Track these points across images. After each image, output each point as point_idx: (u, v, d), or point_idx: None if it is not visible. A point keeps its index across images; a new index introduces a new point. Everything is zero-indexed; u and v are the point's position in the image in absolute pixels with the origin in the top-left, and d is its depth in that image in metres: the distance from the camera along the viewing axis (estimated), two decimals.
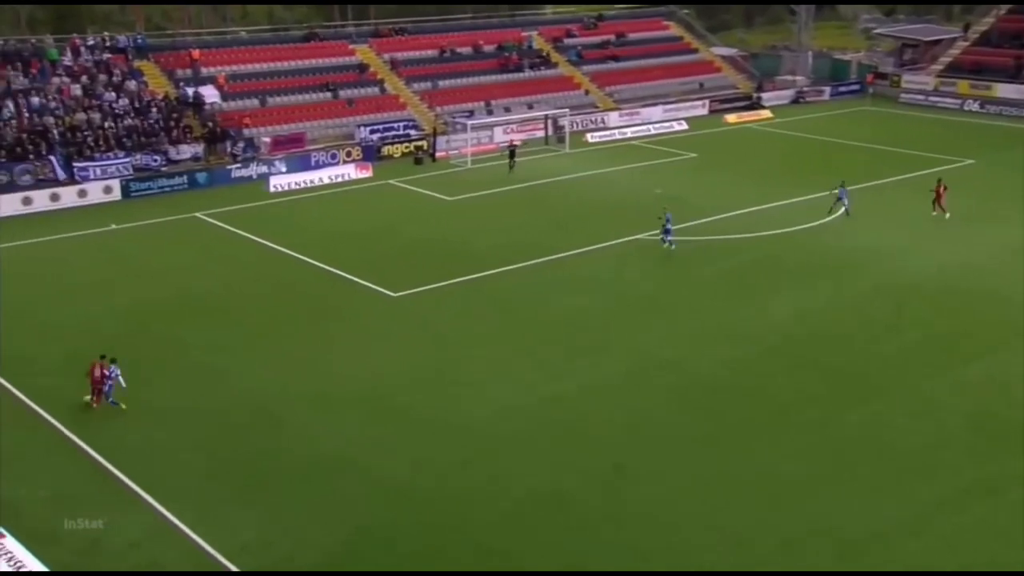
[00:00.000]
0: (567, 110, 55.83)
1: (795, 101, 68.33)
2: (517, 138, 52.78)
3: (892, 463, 20.52)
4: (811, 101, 68.69)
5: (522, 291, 30.86)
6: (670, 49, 70.12)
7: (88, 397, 22.77)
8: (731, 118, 62.02)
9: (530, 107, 57.47)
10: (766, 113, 63.78)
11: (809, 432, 21.90)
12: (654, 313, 28.96)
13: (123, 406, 22.74)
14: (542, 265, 33.16)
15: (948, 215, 37.51)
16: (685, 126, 59.69)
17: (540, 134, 55.14)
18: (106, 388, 22.69)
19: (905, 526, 18.42)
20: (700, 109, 63.45)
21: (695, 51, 71.05)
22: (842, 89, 70.97)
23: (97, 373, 22.60)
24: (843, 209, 37.97)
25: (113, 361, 22.83)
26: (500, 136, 53.23)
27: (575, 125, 55.87)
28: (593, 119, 58.66)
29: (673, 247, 33.88)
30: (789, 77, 72.53)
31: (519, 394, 23.69)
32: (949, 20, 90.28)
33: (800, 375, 24.84)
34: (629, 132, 57.37)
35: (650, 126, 58.70)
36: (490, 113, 56.07)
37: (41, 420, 22.33)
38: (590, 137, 55.92)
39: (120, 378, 22.72)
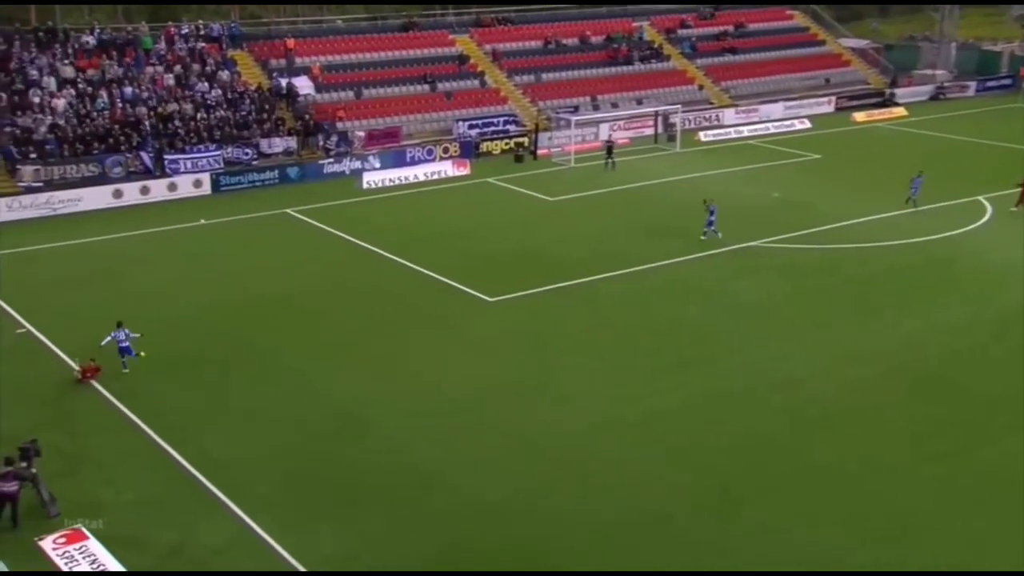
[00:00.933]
0: (679, 106, 55.53)
1: (934, 98, 66.45)
2: (618, 135, 52.64)
3: None
4: (953, 98, 66.68)
5: (625, 299, 30.79)
6: (794, 41, 69.02)
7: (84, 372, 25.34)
8: (860, 116, 60.68)
9: (639, 103, 57.26)
10: (900, 111, 62.21)
11: (939, 463, 21.23)
12: (768, 326, 28.53)
13: (142, 354, 25.68)
14: (647, 271, 33.03)
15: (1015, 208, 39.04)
16: (808, 125, 58.63)
17: (649, 132, 54.93)
18: (123, 346, 25.50)
19: None
20: (825, 106, 62.33)
21: (822, 43, 69.75)
22: (990, 84, 68.70)
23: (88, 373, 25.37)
24: (910, 200, 39.46)
25: (119, 325, 25.37)
26: (606, 134, 53.22)
27: (687, 123, 55.49)
28: (707, 116, 58.14)
29: (707, 237, 35.37)
30: (928, 71, 70.52)
31: (619, 408, 23.65)
32: None
33: (931, 400, 24.10)
34: (746, 131, 56.70)
35: (769, 124, 57.91)
36: (596, 109, 56.10)
37: (128, 422, 23.27)
38: (703, 136, 55.44)
39: (123, 342, 25.38)
